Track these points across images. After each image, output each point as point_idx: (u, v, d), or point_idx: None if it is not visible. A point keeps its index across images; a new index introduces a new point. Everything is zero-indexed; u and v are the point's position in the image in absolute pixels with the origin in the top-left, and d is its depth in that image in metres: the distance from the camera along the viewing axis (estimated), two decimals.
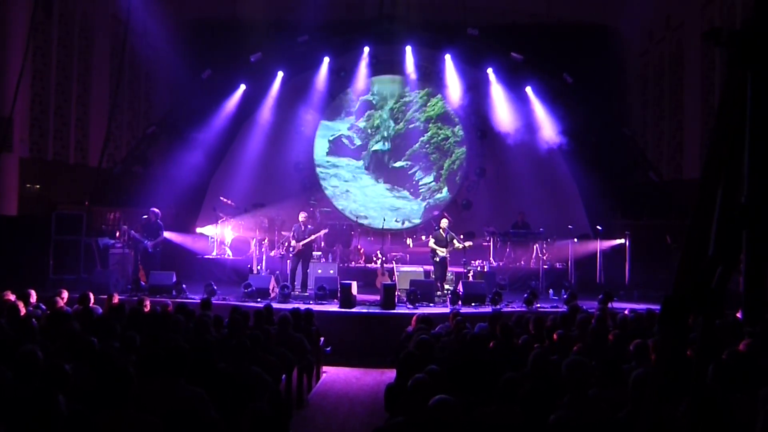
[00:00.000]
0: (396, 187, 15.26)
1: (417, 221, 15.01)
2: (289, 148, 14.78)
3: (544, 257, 12.22)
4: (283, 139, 14.76)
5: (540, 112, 13.90)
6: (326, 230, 11.54)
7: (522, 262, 12.86)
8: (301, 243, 10.87)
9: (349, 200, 15.20)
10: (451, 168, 15.22)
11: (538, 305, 9.69)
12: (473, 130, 15.05)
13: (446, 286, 10.82)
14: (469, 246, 10.79)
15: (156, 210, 11.01)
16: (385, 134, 15.26)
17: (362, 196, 15.07)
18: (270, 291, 10.17)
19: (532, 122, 13.97)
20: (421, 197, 15.20)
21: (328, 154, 15.34)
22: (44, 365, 3.54)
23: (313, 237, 11.05)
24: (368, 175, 15.19)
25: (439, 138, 15.21)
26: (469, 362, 4.05)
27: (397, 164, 15.23)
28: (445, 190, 15.20)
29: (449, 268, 11.05)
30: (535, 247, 12.55)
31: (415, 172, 15.18)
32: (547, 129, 13.67)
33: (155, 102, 13.97)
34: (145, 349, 4.57)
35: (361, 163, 15.24)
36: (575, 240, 12.32)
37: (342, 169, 15.30)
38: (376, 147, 15.18)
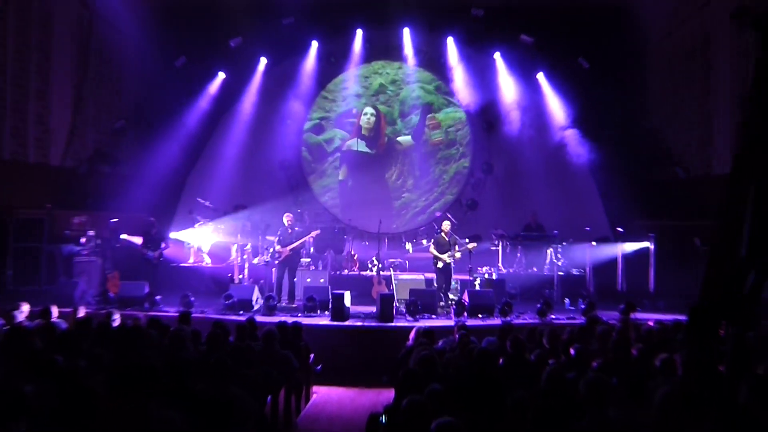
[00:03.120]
0: (394, 185, 15.29)
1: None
2: (273, 143, 14.80)
3: (559, 263, 12.26)
4: (268, 133, 14.78)
5: (553, 101, 13.95)
6: (318, 231, 11.52)
7: (534, 269, 12.88)
8: (288, 248, 10.87)
9: (341, 200, 15.21)
10: (465, 162, 15.24)
11: (553, 316, 9.73)
12: (479, 122, 15.09)
13: (450, 296, 10.85)
14: (473, 248, 10.81)
15: (153, 219, 11.22)
16: (380, 126, 15.30)
17: (356, 195, 15.08)
18: (253, 303, 10.17)
19: (545, 112, 14.02)
20: (421, 197, 15.22)
21: (316, 149, 15.37)
22: (1, 387, 3.52)
23: (301, 241, 11.06)
24: (364, 173, 15.20)
25: (441, 131, 15.26)
26: (476, 380, 4.03)
27: (395, 160, 15.28)
28: (447, 188, 15.24)
29: (453, 276, 11.08)
30: (548, 251, 12.59)
31: (415, 168, 15.22)
32: (561, 120, 13.72)
33: (124, 94, 13.94)
34: (114, 368, 4.54)
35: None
36: (593, 243, 12.36)
37: (332, 167, 15.33)
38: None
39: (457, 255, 10.69)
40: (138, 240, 11.20)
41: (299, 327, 7.40)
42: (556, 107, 13.88)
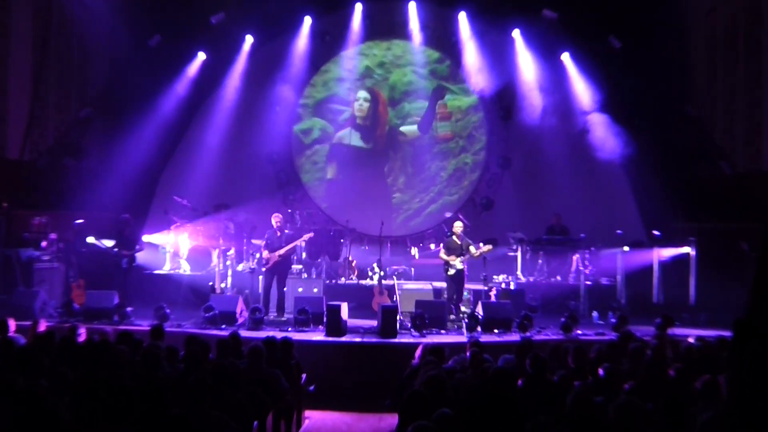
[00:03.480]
0: (397, 181, 15.33)
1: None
2: (261, 133, 14.83)
3: (587, 270, 12.27)
4: (254, 122, 14.82)
5: (579, 85, 13.94)
6: (311, 235, 11.53)
7: (558, 278, 12.90)
8: (277, 253, 10.87)
9: (330, 200, 15.27)
10: (467, 157, 15.27)
11: (579, 332, 9.77)
12: (495, 110, 15.10)
13: (462, 308, 10.87)
14: (488, 251, 10.81)
15: (127, 216, 11.22)
16: (381, 113, 15.34)
17: (352, 194, 15.13)
18: (237, 315, 10.19)
19: (570, 99, 14.02)
20: (429, 194, 15.25)
21: (310, 141, 15.41)
22: None
23: (291, 246, 11.06)
24: (359, 169, 15.23)
25: (451, 120, 15.28)
26: (491, 403, 4.00)
27: (397, 153, 15.32)
28: (467, 182, 15.24)
29: (466, 285, 11.09)
30: (574, 257, 12.60)
31: (423, 162, 15.25)
32: (589, 107, 13.70)
33: (91, 77, 13.95)
34: (79, 389, 4.56)
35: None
36: (626, 248, 12.37)
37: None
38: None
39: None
40: (109, 243, 11.22)
41: (289, 343, 7.40)
42: (583, 93, 13.87)
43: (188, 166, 14.56)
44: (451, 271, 10.78)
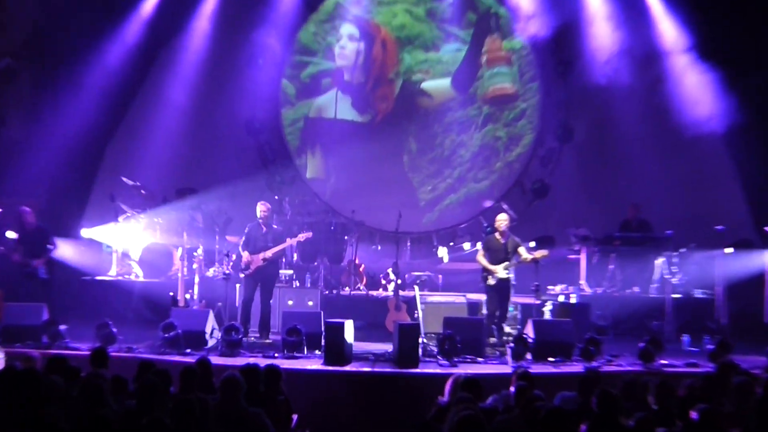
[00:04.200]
0: (419, 160, 15.36)
1: None
2: (237, 95, 14.85)
3: (674, 279, 12.23)
4: (229, 79, 14.82)
5: (669, 31, 13.80)
6: (308, 235, 11.54)
7: (636, 288, 12.85)
8: (261, 255, 10.89)
9: (341, 182, 15.28)
10: (514, 126, 15.22)
11: (664, 362, 9.70)
12: (550, 63, 15.05)
13: (506, 329, 10.83)
14: (544, 257, 10.79)
15: (27, 209, 11.23)
16: (399, 71, 15.30)
17: (364, 175, 15.19)
18: (207, 336, 10.21)
19: (655, 50, 13.89)
20: (460, 178, 15.25)
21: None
22: None
23: (280, 247, 11.07)
24: (365, 147, 15.21)
25: (492, 75, 15.20)
26: None
27: (419, 122, 15.32)
28: (500, 164, 15.22)
29: (512, 298, 11.08)
30: (658, 262, 12.56)
31: (450, 134, 15.24)
32: (681, 61, 13.57)
33: (13, 19, 13.96)
34: None
35: (364, 118, 15.40)
36: (728, 250, 12.34)
37: (330, 132, 15.40)
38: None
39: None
40: (12, 235, 11.24)
41: (276, 372, 7.36)
42: (670, 36, 13.73)
43: (142, 137, 14.57)
44: (492, 280, 10.76)
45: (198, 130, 14.64)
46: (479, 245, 11.34)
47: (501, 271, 10.69)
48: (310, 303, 11.83)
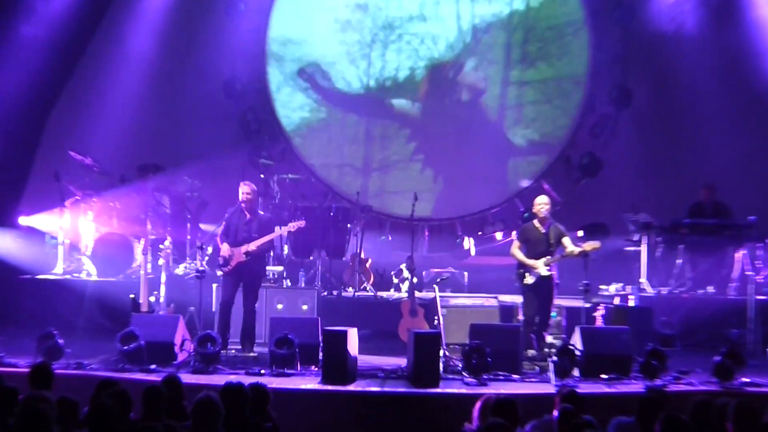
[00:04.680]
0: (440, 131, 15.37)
1: None
2: (214, 50, 14.88)
3: (759, 277, 12.17)
4: (203, 31, 14.85)
5: None
6: (301, 223, 11.44)
7: (710, 288, 12.83)
8: (244, 248, 10.84)
9: (345, 159, 15.32)
10: (557, 86, 15.22)
11: (746, 380, 9.66)
12: (604, 5, 15.03)
13: (548, 338, 10.89)
14: (594, 249, 10.76)
15: None
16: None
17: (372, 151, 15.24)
18: (176, 348, 10.22)
19: None
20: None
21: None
22: None
23: (268, 238, 11.05)
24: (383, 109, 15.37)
25: (530, 20, 15.24)
26: None
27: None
28: (539, 131, 15.20)
29: (555, 301, 11.12)
30: (738, 255, 12.56)
31: (479, 97, 15.27)
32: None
33: None
34: None
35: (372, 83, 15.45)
36: None
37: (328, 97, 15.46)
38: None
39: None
40: None
41: (264, 393, 7.33)
42: None
43: (95, 102, 14.61)
44: (530, 279, 10.75)
45: (165, 92, 14.70)
46: (514, 235, 11.37)
47: (541, 267, 10.69)
48: (305, 307, 11.89)
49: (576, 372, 9.74)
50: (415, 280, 12.14)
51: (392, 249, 13.98)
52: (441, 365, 9.60)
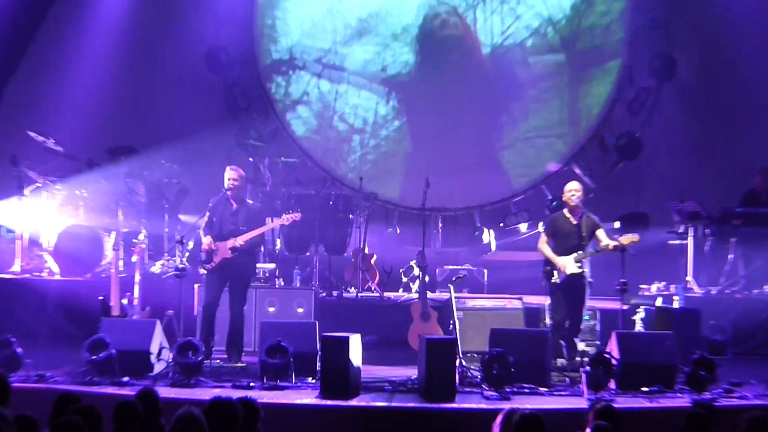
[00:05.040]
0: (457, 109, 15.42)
1: None
2: (196, 15, 14.99)
3: None
4: None
5: None
6: (296, 216, 11.52)
7: (767, 288, 12.92)
8: (230, 243, 10.90)
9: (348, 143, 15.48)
10: (592, 54, 15.28)
11: None
12: None
13: (579, 345, 10.94)
14: (633, 243, 10.79)
15: None
16: None
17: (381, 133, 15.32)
18: (153, 357, 10.26)
19: None
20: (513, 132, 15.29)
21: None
22: None
23: (258, 231, 11.12)
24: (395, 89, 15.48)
25: None
26: None
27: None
28: (568, 106, 15.28)
29: (587, 302, 11.19)
30: None
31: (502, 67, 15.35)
32: None
33: None
34: None
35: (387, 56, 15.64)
36: None
37: (329, 70, 15.57)
38: None
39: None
40: None
41: (254, 409, 7.39)
42: None
43: (58, 76, 14.70)
44: (557, 277, 10.84)
45: (140, 64, 14.85)
46: (541, 227, 11.49)
47: (572, 264, 10.74)
48: (300, 310, 11.99)
49: (612, 384, 9.77)
50: (426, 278, 12.16)
51: (401, 243, 14.07)
52: (457, 377, 9.65)
